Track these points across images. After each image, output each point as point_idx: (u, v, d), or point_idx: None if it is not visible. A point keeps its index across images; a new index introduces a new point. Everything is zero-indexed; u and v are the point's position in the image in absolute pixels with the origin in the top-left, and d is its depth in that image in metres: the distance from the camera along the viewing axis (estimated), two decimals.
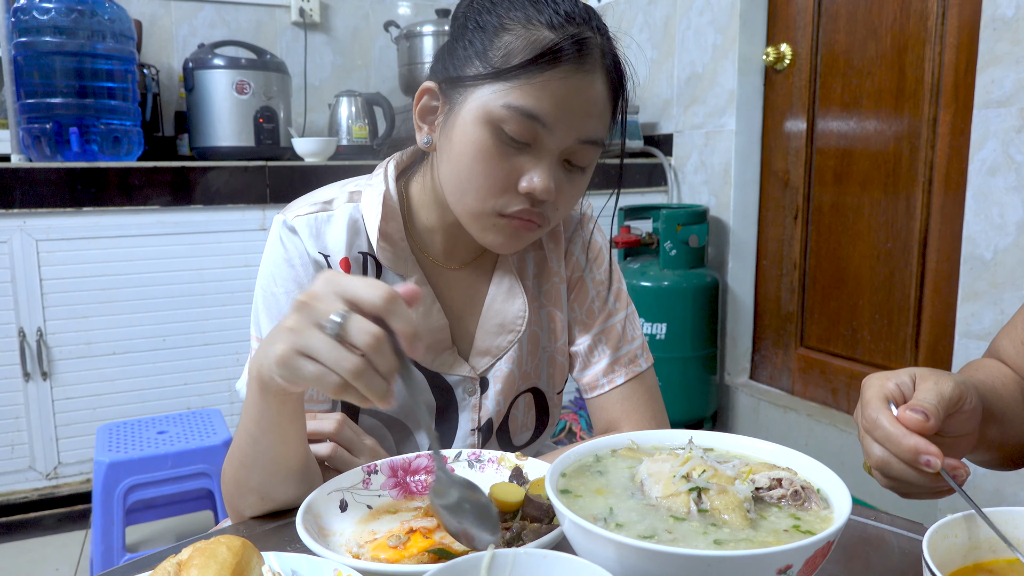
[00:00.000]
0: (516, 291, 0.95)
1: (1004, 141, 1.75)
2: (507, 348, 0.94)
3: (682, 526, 0.54)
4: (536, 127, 0.78)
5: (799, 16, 2.44)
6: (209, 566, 0.53)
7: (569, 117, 0.78)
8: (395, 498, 0.77)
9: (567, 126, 0.79)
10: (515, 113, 0.77)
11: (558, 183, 0.81)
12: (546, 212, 0.83)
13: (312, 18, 2.97)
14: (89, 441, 2.19)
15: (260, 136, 2.53)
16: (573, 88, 0.78)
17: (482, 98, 0.78)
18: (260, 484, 0.75)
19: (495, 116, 0.78)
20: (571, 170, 0.83)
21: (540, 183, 0.79)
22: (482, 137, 0.79)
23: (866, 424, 0.65)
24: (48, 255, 2.12)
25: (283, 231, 0.88)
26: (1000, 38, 1.74)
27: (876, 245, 2.24)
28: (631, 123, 2.87)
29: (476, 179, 0.80)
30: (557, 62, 0.76)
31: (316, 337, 0.60)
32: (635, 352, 0.98)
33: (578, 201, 0.89)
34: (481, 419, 0.95)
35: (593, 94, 0.79)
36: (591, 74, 0.79)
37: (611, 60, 0.82)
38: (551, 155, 0.80)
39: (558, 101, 0.77)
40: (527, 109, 0.77)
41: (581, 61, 0.78)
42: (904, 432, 0.62)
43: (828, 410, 2.41)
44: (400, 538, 0.67)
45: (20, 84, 2.21)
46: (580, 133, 0.80)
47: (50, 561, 2.10)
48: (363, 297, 0.60)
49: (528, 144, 0.79)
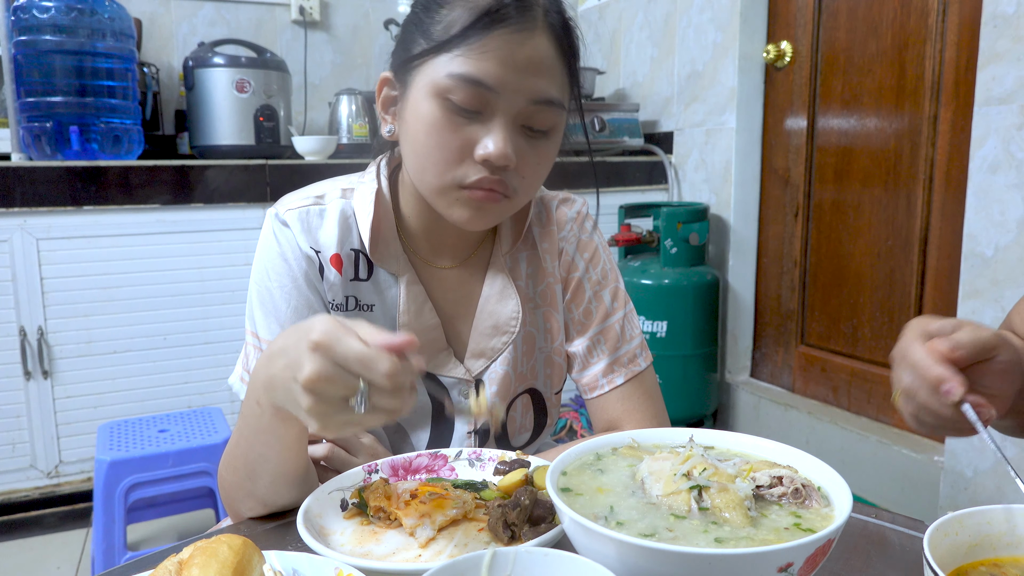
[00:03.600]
0: (509, 292, 0.94)
1: (1005, 138, 1.75)
2: (501, 350, 0.93)
3: (683, 524, 0.54)
4: (483, 92, 0.76)
5: (799, 14, 2.43)
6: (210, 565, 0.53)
7: (515, 78, 0.77)
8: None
9: (514, 88, 0.77)
10: (459, 81, 0.76)
11: (519, 150, 0.79)
12: (510, 181, 0.81)
13: (312, 16, 2.97)
14: (90, 440, 2.19)
15: (260, 134, 2.53)
16: (515, 47, 0.76)
17: (428, 73, 0.78)
18: (264, 494, 0.75)
19: (441, 87, 0.77)
20: (532, 136, 0.81)
21: (495, 148, 0.77)
22: (432, 111, 0.78)
23: (898, 351, 0.66)
24: (49, 254, 2.12)
25: (275, 224, 0.88)
26: (1001, 35, 1.73)
27: (877, 243, 2.23)
28: (631, 121, 2.87)
29: (432, 153, 0.79)
30: (496, 23, 0.75)
31: (342, 412, 0.61)
32: (634, 352, 0.98)
33: (546, 169, 0.86)
34: (477, 421, 0.94)
35: (538, 52, 0.77)
36: (533, 32, 0.77)
37: (557, 18, 0.80)
38: (503, 119, 0.78)
39: (501, 62, 0.76)
40: (470, 75, 0.76)
41: (522, 20, 0.76)
42: (932, 361, 0.62)
43: (829, 408, 2.41)
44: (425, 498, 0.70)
45: (20, 83, 2.21)
46: (530, 94, 0.78)
47: (51, 560, 2.10)
48: (372, 372, 0.59)
49: (479, 111, 0.78)
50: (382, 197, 0.89)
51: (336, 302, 0.89)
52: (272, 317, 0.86)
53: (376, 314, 0.90)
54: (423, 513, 0.68)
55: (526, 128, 0.80)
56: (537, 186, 0.86)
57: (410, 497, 0.71)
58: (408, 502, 0.70)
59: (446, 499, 0.70)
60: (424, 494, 0.71)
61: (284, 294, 0.86)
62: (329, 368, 0.59)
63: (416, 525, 0.67)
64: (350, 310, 0.90)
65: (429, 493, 0.70)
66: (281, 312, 0.86)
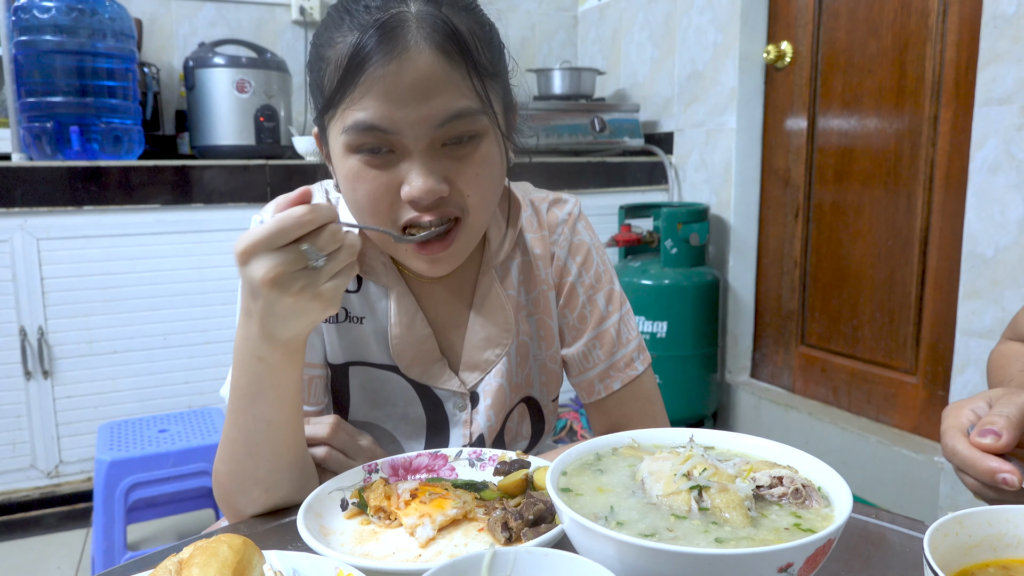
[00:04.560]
0: (500, 303, 0.92)
1: (1005, 139, 1.75)
2: (495, 362, 0.92)
3: (683, 524, 0.54)
4: (380, 135, 0.73)
5: (800, 14, 2.43)
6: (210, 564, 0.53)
7: (405, 111, 0.72)
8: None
9: (411, 120, 0.73)
10: (355, 132, 0.73)
11: (448, 172, 0.76)
12: (455, 205, 0.77)
13: (312, 16, 2.97)
14: (90, 440, 2.19)
15: (260, 135, 2.53)
16: (392, 79, 0.71)
17: (335, 130, 0.76)
18: (266, 474, 0.75)
19: (347, 143, 0.75)
20: (459, 150, 0.76)
21: (417, 185, 0.74)
22: (350, 167, 0.76)
23: (947, 455, 0.66)
24: (49, 254, 2.12)
25: None
26: (1001, 36, 1.73)
27: (877, 243, 2.23)
28: (631, 121, 2.87)
29: (366, 208, 0.77)
30: (365, 63, 0.71)
31: (310, 274, 0.67)
32: (631, 355, 0.95)
33: (496, 175, 0.80)
34: (473, 434, 0.93)
35: (420, 73, 0.72)
36: (406, 55, 0.71)
37: (433, 25, 0.73)
38: (416, 153, 0.74)
39: (384, 100, 0.72)
40: (360, 123, 0.73)
41: (390, 49, 0.71)
42: (979, 455, 0.62)
43: (829, 408, 2.41)
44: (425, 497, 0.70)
45: (21, 83, 2.21)
46: (431, 119, 0.73)
47: (51, 560, 2.10)
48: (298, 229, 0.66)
49: (392, 151, 0.75)
50: None
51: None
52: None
53: (366, 326, 0.90)
54: (423, 513, 0.68)
55: (448, 147, 0.76)
56: (491, 196, 0.81)
57: (410, 497, 0.71)
58: (408, 502, 0.70)
59: (446, 499, 0.70)
60: (424, 494, 0.71)
61: None
62: (272, 258, 0.65)
63: (416, 525, 0.67)
64: (340, 322, 0.90)
65: (429, 493, 0.70)
66: None
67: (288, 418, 0.74)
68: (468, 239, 0.81)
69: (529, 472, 0.73)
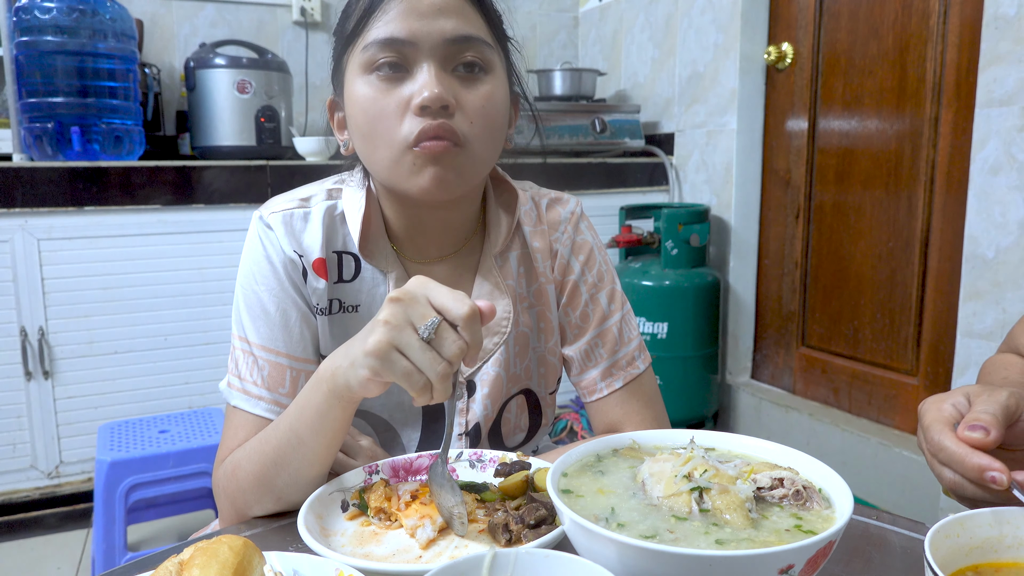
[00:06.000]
0: (499, 293, 0.93)
1: (1006, 140, 1.75)
2: (493, 351, 0.92)
3: (684, 526, 0.54)
4: (399, 47, 0.79)
5: (800, 15, 2.44)
6: (211, 566, 0.53)
7: (424, 24, 0.79)
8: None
9: (427, 32, 0.79)
10: (375, 48, 0.79)
11: (456, 93, 0.80)
12: (457, 127, 0.80)
13: (313, 17, 2.97)
14: (91, 440, 2.19)
15: (261, 135, 2.53)
16: (411, 1, 0.79)
17: (353, 63, 0.82)
18: (286, 485, 0.76)
19: (364, 62, 0.80)
20: (466, 77, 0.81)
21: (428, 89, 0.78)
22: (364, 87, 0.81)
23: (931, 448, 0.65)
24: (50, 254, 2.12)
25: (260, 227, 0.89)
26: (1002, 37, 1.73)
27: (878, 244, 2.23)
28: (632, 122, 2.87)
29: (376, 124, 0.80)
30: None
31: (412, 336, 0.65)
32: (632, 354, 0.97)
33: (499, 118, 0.84)
34: (468, 423, 0.94)
35: None
36: None
37: None
38: (428, 65, 0.79)
39: (406, 15, 0.78)
40: (381, 38, 0.79)
41: None
42: (968, 451, 0.61)
43: (829, 409, 2.41)
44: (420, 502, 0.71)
45: (22, 83, 2.21)
46: (445, 34, 0.79)
47: (52, 560, 2.10)
48: (451, 308, 0.65)
49: (405, 68, 0.80)
50: (371, 196, 0.90)
51: (320, 306, 0.88)
52: (261, 320, 0.86)
53: (361, 315, 0.90)
54: (424, 514, 0.68)
55: (457, 70, 0.81)
56: (489, 133, 0.83)
57: (411, 498, 0.71)
58: (409, 503, 0.70)
59: None
60: (425, 495, 0.71)
61: (271, 296, 0.86)
62: (415, 288, 0.66)
63: (417, 526, 0.67)
64: (334, 313, 0.90)
65: (430, 494, 0.70)
66: (269, 314, 0.86)
67: (319, 447, 0.75)
68: (468, 165, 0.82)
69: (530, 473, 0.73)
